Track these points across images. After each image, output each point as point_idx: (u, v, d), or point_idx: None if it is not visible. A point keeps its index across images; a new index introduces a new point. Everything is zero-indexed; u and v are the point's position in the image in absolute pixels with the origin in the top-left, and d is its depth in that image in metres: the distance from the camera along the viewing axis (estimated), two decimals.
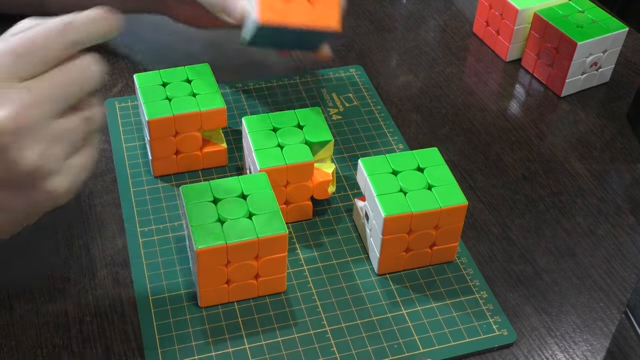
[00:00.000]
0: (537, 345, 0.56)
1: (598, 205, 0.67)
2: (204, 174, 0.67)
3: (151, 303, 0.56)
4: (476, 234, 0.64)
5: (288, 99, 0.76)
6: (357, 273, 0.59)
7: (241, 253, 0.53)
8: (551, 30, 0.77)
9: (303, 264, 0.60)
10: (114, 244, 0.61)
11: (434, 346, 0.55)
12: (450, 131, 0.74)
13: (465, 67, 0.83)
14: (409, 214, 0.55)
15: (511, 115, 0.77)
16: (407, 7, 0.92)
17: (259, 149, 0.60)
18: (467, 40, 0.87)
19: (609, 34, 0.76)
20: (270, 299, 0.57)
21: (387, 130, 0.73)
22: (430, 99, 0.78)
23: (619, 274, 0.61)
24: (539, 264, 0.62)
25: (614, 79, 0.82)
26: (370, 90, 0.78)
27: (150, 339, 0.54)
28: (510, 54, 0.83)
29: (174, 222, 0.62)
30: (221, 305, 0.56)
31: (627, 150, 0.73)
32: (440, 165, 0.59)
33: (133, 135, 0.70)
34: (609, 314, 0.58)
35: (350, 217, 0.64)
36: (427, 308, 0.57)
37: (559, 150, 0.73)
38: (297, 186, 0.61)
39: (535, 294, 0.59)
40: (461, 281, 0.59)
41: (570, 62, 0.76)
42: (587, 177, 0.70)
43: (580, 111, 0.78)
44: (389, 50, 0.85)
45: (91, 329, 0.55)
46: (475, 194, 0.67)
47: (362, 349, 0.54)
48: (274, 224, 0.54)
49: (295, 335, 0.55)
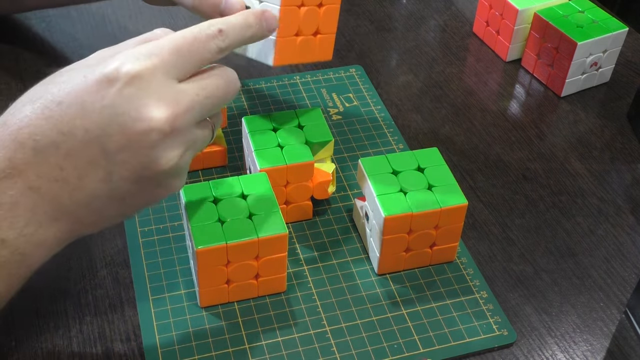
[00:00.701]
0: (537, 345, 0.56)
1: (598, 205, 0.67)
2: (204, 174, 0.67)
3: (151, 303, 0.56)
4: (476, 234, 0.64)
5: (288, 98, 0.76)
6: (357, 273, 0.59)
7: (241, 253, 0.53)
8: (551, 30, 0.77)
9: (303, 264, 0.60)
10: (114, 244, 0.61)
11: (434, 346, 0.55)
12: (450, 131, 0.74)
13: (465, 67, 0.83)
14: (409, 214, 0.55)
15: (511, 115, 0.77)
16: (407, 7, 0.92)
17: (259, 149, 0.60)
18: (467, 40, 0.87)
19: (609, 34, 0.76)
20: (270, 299, 0.57)
21: (387, 130, 0.73)
22: (430, 99, 0.78)
23: (619, 274, 0.61)
24: (539, 264, 0.62)
25: (614, 79, 0.82)
26: (370, 90, 0.78)
27: (150, 339, 0.54)
28: (510, 54, 0.83)
29: (174, 222, 0.62)
30: (221, 305, 0.56)
31: (627, 150, 0.73)
32: (440, 165, 0.59)
33: None
34: (609, 314, 0.58)
35: (350, 217, 0.64)
36: (427, 308, 0.57)
37: (559, 150, 0.73)
38: (297, 186, 0.61)
39: (535, 294, 0.59)
40: (461, 281, 0.59)
41: (570, 62, 0.76)
42: (587, 177, 0.70)
43: (580, 111, 0.78)
44: (389, 50, 0.85)
45: (91, 329, 0.55)
46: (475, 194, 0.67)
47: (362, 349, 0.54)
48: (274, 224, 0.54)
49: (295, 335, 0.55)
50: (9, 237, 0.43)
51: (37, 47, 0.81)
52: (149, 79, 0.44)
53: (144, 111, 0.43)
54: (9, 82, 0.76)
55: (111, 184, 0.44)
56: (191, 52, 0.46)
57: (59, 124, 0.43)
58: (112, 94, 0.43)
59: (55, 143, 0.43)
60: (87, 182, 0.44)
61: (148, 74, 0.44)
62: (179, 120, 0.44)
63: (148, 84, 0.44)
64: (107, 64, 0.44)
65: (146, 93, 0.44)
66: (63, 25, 0.83)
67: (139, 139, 0.44)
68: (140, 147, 0.44)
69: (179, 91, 0.45)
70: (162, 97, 0.44)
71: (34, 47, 0.81)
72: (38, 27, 0.83)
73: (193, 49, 0.46)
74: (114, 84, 0.43)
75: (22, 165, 0.43)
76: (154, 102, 0.44)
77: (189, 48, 0.46)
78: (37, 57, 0.79)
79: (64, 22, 0.84)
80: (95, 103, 0.43)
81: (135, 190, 0.46)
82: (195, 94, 0.46)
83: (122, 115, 0.43)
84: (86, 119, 0.43)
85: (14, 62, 0.78)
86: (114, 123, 0.43)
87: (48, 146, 0.43)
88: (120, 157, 0.44)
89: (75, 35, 0.82)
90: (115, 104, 0.43)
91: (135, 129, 0.43)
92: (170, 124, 0.44)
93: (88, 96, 0.43)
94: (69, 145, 0.43)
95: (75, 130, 0.43)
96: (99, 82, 0.44)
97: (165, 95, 0.44)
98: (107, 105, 0.43)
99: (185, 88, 0.45)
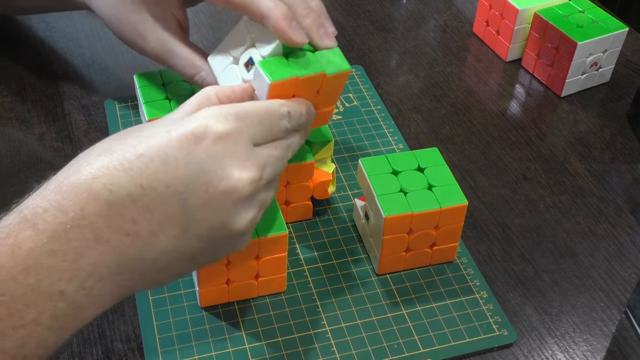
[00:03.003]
0: (537, 345, 0.56)
1: (598, 205, 0.67)
2: None
3: (151, 303, 0.56)
4: (476, 234, 0.64)
5: None
6: (357, 273, 0.59)
7: (241, 253, 0.53)
8: (551, 30, 0.77)
9: (303, 264, 0.60)
10: None
11: (434, 346, 0.55)
12: (450, 131, 0.74)
13: (465, 67, 0.83)
14: (409, 214, 0.55)
15: (511, 115, 0.77)
16: (407, 7, 0.92)
17: None
18: (467, 40, 0.87)
19: (609, 34, 0.76)
20: (270, 299, 0.57)
21: (387, 130, 0.73)
22: (430, 99, 0.78)
23: (619, 274, 0.61)
24: (539, 264, 0.62)
25: (614, 79, 0.81)
26: (370, 90, 0.78)
27: (150, 339, 0.54)
28: (510, 54, 0.83)
29: None
30: (221, 305, 0.56)
31: (627, 150, 0.73)
32: (440, 165, 0.59)
33: None
34: (609, 314, 0.58)
35: (350, 217, 0.64)
36: (427, 308, 0.57)
37: (559, 150, 0.73)
38: (297, 186, 0.61)
39: (535, 294, 0.59)
40: (461, 281, 0.59)
41: (570, 62, 0.76)
42: (587, 177, 0.70)
43: (580, 111, 0.78)
44: (389, 50, 0.85)
45: (91, 329, 0.55)
46: (475, 194, 0.67)
47: (362, 349, 0.54)
48: (274, 224, 0.54)
49: (295, 335, 0.55)
50: (68, 290, 0.40)
51: (37, 47, 0.81)
52: (236, 139, 0.44)
53: (230, 170, 0.43)
54: (9, 82, 0.76)
55: (184, 241, 0.43)
56: (270, 125, 0.47)
57: (139, 177, 0.41)
58: (198, 151, 0.43)
59: (132, 196, 0.41)
60: (161, 238, 0.43)
61: (236, 134, 0.44)
62: (260, 183, 0.45)
63: (235, 144, 0.44)
64: (192, 121, 0.44)
65: (233, 153, 0.44)
66: (63, 25, 0.83)
67: (222, 198, 0.43)
68: (223, 206, 0.43)
69: (261, 155, 0.46)
70: (247, 159, 0.44)
71: (34, 47, 0.81)
72: (38, 27, 0.83)
73: (271, 123, 0.47)
74: (201, 142, 0.43)
75: (94, 216, 0.41)
76: (240, 163, 0.44)
77: (268, 120, 0.47)
78: (37, 57, 0.79)
79: (64, 22, 0.84)
80: (180, 159, 0.42)
81: (206, 250, 0.45)
82: (269, 155, 0.46)
83: (207, 173, 0.43)
84: (169, 174, 0.42)
85: (14, 62, 0.78)
86: (199, 180, 0.42)
87: (124, 199, 0.41)
88: (200, 215, 0.43)
89: (75, 35, 0.82)
90: (202, 161, 0.43)
91: (220, 187, 0.43)
92: (253, 186, 0.44)
93: (172, 151, 0.42)
94: (147, 200, 0.42)
95: (156, 185, 0.42)
96: (185, 137, 0.43)
97: (249, 157, 0.45)
98: (193, 162, 0.42)
99: (266, 153, 0.46)
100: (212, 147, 0.43)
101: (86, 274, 0.41)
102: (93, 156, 0.42)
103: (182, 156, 0.42)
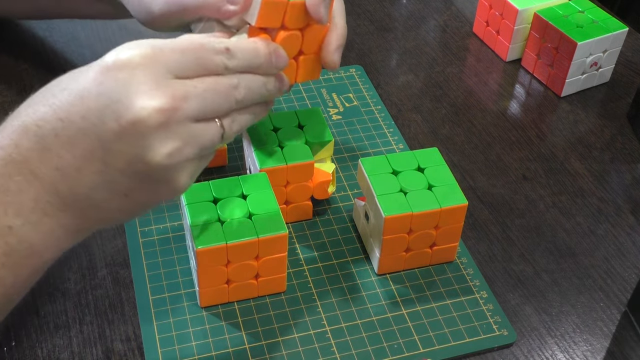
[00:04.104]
0: (537, 345, 0.56)
1: (598, 205, 0.67)
2: (204, 174, 0.67)
3: (151, 303, 0.56)
4: (476, 234, 0.64)
5: (288, 98, 0.76)
6: (357, 273, 0.59)
7: (241, 253, 0.53)
8: (551, 30, 0.77)
9: (303, 264, 0.60)
10: (114, 244, 0.61)
11: (434, 346, 0.55)
12: (450, 131, 0.74)
13: (465, 67, 0.83)
14: (409, 214, 0.55)
15: (511, 115, 0.77)
16: (407, 7, 0.92)
17: (259, 149, 0.60)
18: (467, 40, 0.87)
19: (609, 34, 0.76)
20: (270, 299, 0.57)
21: (387, 130, 0.73)
22: (430, 99, 0.78)
23: (619, 274, 0.61)
24: (539, 264, 0.62)
25: (614, 79, 0.82)
26: (370, 90, 0.78)
27: (150, 339, 0.54)
28: (510, 54, 0.83)
29: (174, 222, 0.62)
30: (221, 305, 0.56)
31: (627, 150, 0.73)
32: (440, 165, 0.59)
33: None
34: (609, 314, 0.58)
35: (350, 217, 0.64)
36: (427, 308, 0.57)
37: (559, 150, 0.73)
38: (297, 186, 0.61)
39: (535, 294, 0.59)
40: (461, 281, 0.59)
41: (570, 62, 0.76)
42: (587, 177, 0.70)
43: (580, 111, 0.78)
44: (389, 50, 0.85)
45: (91, 329, 0.55)
46: (475, 194, 0.67)
47: (362, 349, 0.54)
48: (274, 224, 0.54)
49: (295, 335, 0.55)
50: (15, 224, 0.42)
51: (37, 47, 0.81)
52: (146, 67, 0.43)
53: (135, 98, 0.42)
54: (9, 82, 0.76)
55: (107, 175, 0.44)
56: (196, 56, 0.45)
57: (58, 110, 0.43)
58: (108, 81, 0.43)
59: (55, 130, 0.43)
60: (85, 173, 0.43)
61: (145, 61, 0.43)
62: (176, 113, 0.43)
63: (144, 71, 0.43)
64: (109, 53, 0.44)
65: (142, 81, 0.43)
66: (63, 25, 0.83)
67: (131, 129, 0.42)
68: (134, 137, 0.43)
69: (175, 83, 0.44)
70: (157, 88, 0.43)
71: (34, 47, 0.81)
72: (38, 28, 0.83)
73: (198, 55, 0.45)
74: (110, 70, 0.43)
75: (26, 151, 0.43)
76: (148, 90, 0.42)
77: (194, 52, 0.45)
78: (37, 57, 0.79)
79: (64, 22, 0.83)
80: (92, 90, 0.43)
81: (135, 186, 0.45)
82: (193, 86, 0.44)
83: (116, 103, 0.42)
84: (83, 106, 0.43)
85: (14, 62, 0.78)
86: (108, 110, 0.42)
87: (48, 133, 0.43)
88: (115, 147, 0.43)
89: (75, 35, 0.82)
90: (111, 90, 0.42)
91: (127, 117, 0.42)
92: (163, 114, 0.43)
93: (86, 83, 0.43)
94: (68, 133, 0.43)
95: (72, 117, 0.43)
96: (99, 67, 0.43)
97: (160, 85, 0.43)
98: (102, 93, 0.42)
99: (182, 81, 0.44)
100: (120, 75, 0.43)
101: (29, 209, 0.43)
102: (33, 96, 0.45)
103: (94, 86, 0.43)
